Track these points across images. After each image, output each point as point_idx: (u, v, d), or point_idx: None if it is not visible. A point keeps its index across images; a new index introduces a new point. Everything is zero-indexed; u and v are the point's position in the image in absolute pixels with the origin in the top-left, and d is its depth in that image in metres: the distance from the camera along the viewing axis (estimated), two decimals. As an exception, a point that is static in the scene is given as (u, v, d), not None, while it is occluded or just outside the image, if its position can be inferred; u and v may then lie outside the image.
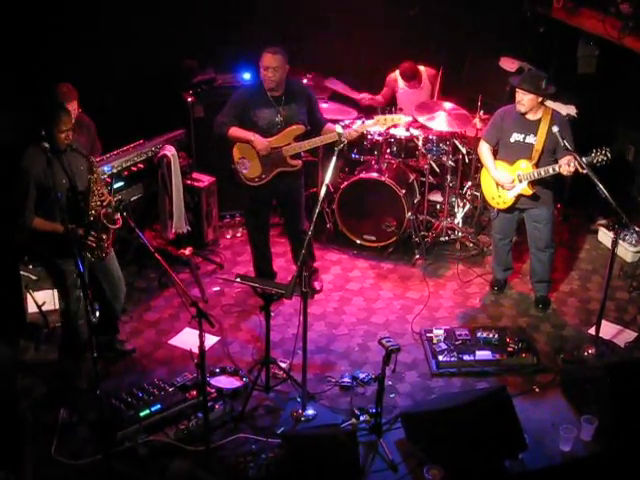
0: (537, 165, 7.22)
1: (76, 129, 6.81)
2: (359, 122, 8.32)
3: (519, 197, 7.38)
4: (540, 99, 7.16)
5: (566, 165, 6.92)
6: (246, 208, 7.92)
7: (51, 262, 6.39)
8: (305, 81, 8.99)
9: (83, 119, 7.24)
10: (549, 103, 7.38)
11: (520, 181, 7.26)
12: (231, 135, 7.37)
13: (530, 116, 7.25)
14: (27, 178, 6.01)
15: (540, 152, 7.21)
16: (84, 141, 6.98)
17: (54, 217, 6.07)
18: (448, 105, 8.76)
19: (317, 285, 8.04)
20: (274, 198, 7.74)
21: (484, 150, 7.56)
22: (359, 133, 7.61)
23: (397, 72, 9.56)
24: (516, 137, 7.32)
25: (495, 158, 7.51)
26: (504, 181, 7.33)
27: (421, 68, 9.51)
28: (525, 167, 7.24)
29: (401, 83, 9.59)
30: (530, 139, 7.25)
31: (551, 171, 7.09)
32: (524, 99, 7.15)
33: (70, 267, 6.19)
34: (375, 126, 7.71)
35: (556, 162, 7.10)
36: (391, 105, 8.97)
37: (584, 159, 6.82)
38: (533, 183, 7.25)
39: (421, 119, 8.67)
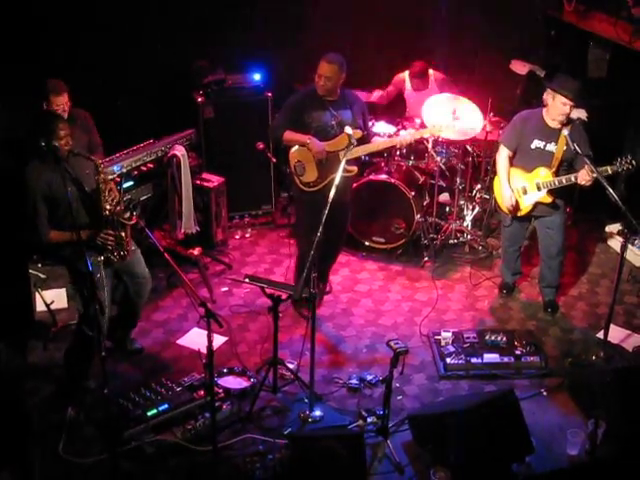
0: (556, 173, 7.18)
1: (76, 123, 6.88)
2: (409, 129, 8.33)
3: (536, 205, 7.35)
4: None
5: (585, 175, 6.89)
6: (300, 217, 7.75)
7: (72, 265, 6.36)
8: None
9: (77, 113, 7.15)
10: None
11: (539, 189, 7.21)
12: (286, 139, 7.25)
13: (552, 123, 7.16)
14: (34, 195, 5.98)
15: (559, 161, 7.16)
16: (78, 134, 6.86)
17: (68, 226, 5.98)
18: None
19: (326, 287, 7.94)
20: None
21: (502, 159, 7.44)
22: (413, 139, 7.64)
23: (406, 73, 9.56)
24: (537, 144, 7.23)
25: (511, 164, 7.45)
26: (506, 198, 7.31)
27: (429, 72, 9.52)
28: (545, 175, 7.18)
29: (408, 85, 9.58)
30: (551, 147, 7.17)
31: (572, 179, 7.04)
32: (568, 107, 7.01)
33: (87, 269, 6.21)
34: (428, 134, 7.85)
35: (573, 171, 7.09)
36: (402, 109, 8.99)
37: (609, 168, 6.83)
38: (551, 191, 7.23)
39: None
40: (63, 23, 8.16)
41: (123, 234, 6.25)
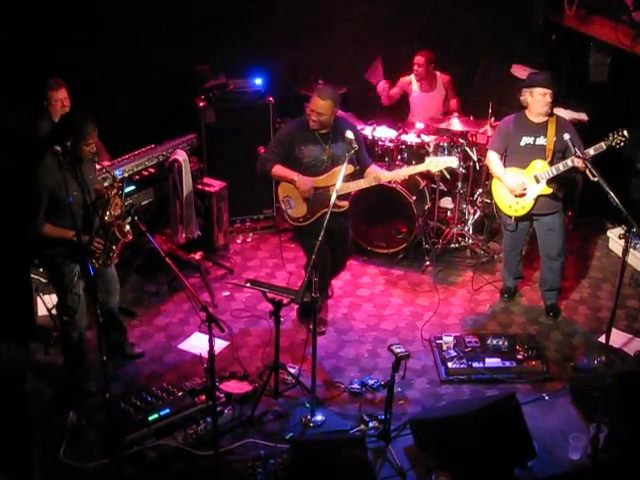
0: (552, 164, 7.21)
1: None
2: (405, 168, 7.85)
3: (537, 200, 7.35)
4: None
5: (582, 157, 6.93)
6: (307, 247, 7.35)
7: (52, 261, 6.40)
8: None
9: None
10: (560, 110, 7.37)
11: (538, 181, 7.23)
12: (274, 174, 7.09)
13: (536, 119, 7.27)
14: (41, 187, 6.06)
15: (552, 151, 7.22)
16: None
17: (64, 224, 6.09)
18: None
19: (328, 291, 7.87)
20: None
21: (493, 159, 7.52)
22: (405, 177, 7.40)
23: (412, 76, 9.58)
24: (526, 140, 7.31)
25: (505, 167, 7.48)
26: (515, 186, 7.31)
27: (437, 73, 9.54)
28: (541, 166, 7.22)
29: (415, 87, 9.60)
30: (541, 140, 7.26)
31: (569, 163, 7.05)
32: (548, 96, 7.15)
33: (68, 268, 6.27)
34: (424, 169, 7.39)
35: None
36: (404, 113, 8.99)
37: (603, 144, 6.89)
38: (551, 182, 7.24)
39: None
40: (64, 26, 8.17)
41: (114, 247, 6.30)
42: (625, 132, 6.89)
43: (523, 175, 7.33)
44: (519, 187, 7.29)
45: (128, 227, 6.30)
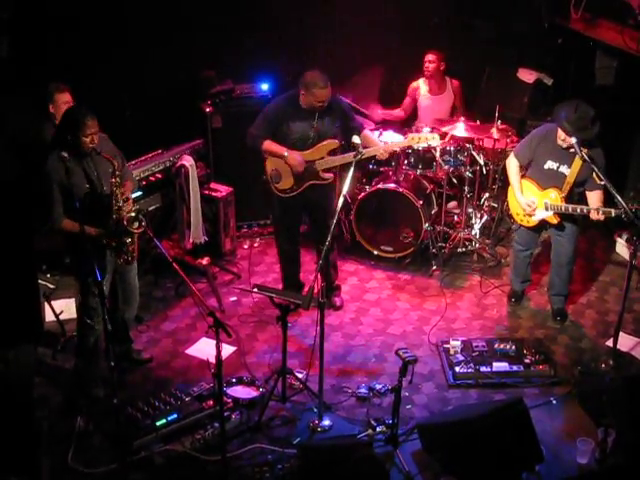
0: (566, 197, 7.15)
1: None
2: (392, 139, 8.27)
3: (542, 221, 7.35)
4: None
5: (595, 212, 6.89)
6: (276, 217, 7.86)
7: (76, 260, 6.42)
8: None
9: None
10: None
11: (546, 209, 7.21)
12: (265, 149, 7.31)
13: (564, 145, 7.06)
14: (50, 181, 6.08)
15: (571, 185, 7.14)
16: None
17: (75, 220, 6.09)
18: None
19: (337, 301, 7.99)
20: (305, 208, 7.68)
21: (512, 167, 7.45)
22: (389, 152, 7.54)
23: (420, 80, 9.58)
24: (550, 165, 7.20)
25: (525, 175, 7.46)
26: (525, 205, 7.29)
27: (447, 78, 9.55)
28: (554, 198, 7.15)
29: (423, 89, 9.61)
30: (563, 169, 7.14)
31: (578, 211, 7.03)
32: (568, 140, 6.90)
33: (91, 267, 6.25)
34: (406, 144, 7.73)
35: (584, 196, 7.13)
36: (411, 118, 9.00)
37: (612, 211, 6.79)
38: (558, 214, 7.23)
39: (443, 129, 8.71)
40: (71, 30, 8.18)
41: (129, 240, 6.28)
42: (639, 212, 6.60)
43: (536, 196, 7.28)
44: (528, 207, 7.27)
45: (137, 223, 6.27)
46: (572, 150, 6.96)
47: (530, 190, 7.35)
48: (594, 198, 7.07)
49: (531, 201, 7.28)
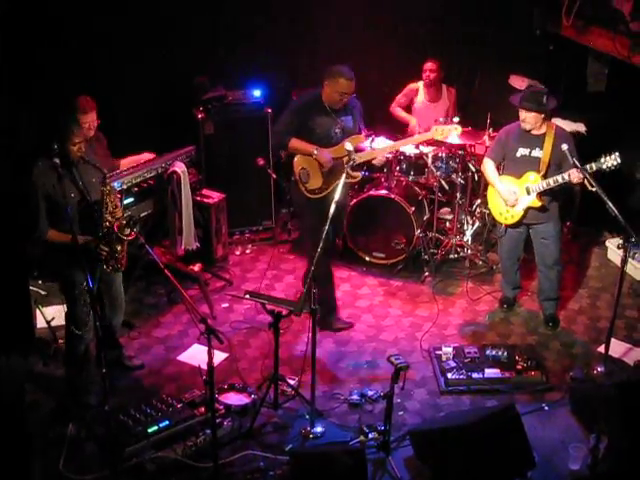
0: (545, 177, 7.23)
1: (95, 142, 7.04)
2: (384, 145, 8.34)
3: (527, 211, 7.38)
4: (543, 115, 7.20)
5: (575, 171, 6.93)
6: (308, 228, 7.55)
7: (62, 272, 6.39)
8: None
9: (97, 133, 7.26)
10: (557, 121, 7.38)
11: (529, 193, 7.26)
12: (292, 147, 7.29)
13: (534, 131, 7.29)
14: (36, 192, 6.05)
15: (547, 164, 7.23)
16: (102, 153, 7.12)
17: (65, 229, 6.05)
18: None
19: (338, 324, 7.80)
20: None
21: (488, 166, 7.58)
22: (391, 154, 7.76)
23: (420, 83, 9.59)
24: (522, 152, 7.34)
25: (501, 174, 7.54)
26: (507, 196, 7.34)
27: (443, 85, 9.57)
28: (534, 179, 7.24)
29: (421, 96, 9.62)
30: (536, 153, 7.28)
31: (560, 180, 7.08)
32: (527, 117, 7.21)
33: (79, 278, 6.21)
34: (430, 137, 7.84)
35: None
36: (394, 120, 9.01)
37: (594, 165, 6.84)
38: (541, 195, 7.26)
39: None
40: (65, 36, 8.18)
41: (119, 248, 6.26)
42: (618, 157, 6.80)
43: (516, 185, 7.35)
44: (512, 197, 7.32)
45: (128, 230, 6.25)
46: (536, 132, 7.26)
47: (509, 182, 7.43)
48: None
49: (512, 191, 7.34)
